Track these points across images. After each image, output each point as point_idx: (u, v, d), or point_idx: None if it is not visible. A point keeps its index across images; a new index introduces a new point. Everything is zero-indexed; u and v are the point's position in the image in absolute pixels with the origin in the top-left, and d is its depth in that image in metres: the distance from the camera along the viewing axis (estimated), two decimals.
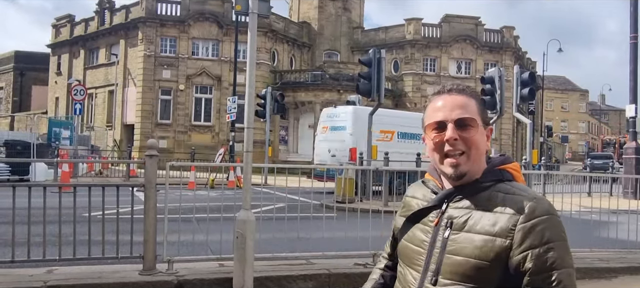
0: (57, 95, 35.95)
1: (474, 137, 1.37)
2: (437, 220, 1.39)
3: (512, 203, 1.31)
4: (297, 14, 36.84)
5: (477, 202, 1.35)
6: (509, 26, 35.38)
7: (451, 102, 1.40)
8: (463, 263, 1.29)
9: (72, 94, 20.19)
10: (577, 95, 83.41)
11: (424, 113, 1.49)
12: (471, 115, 1.39)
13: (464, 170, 1.36)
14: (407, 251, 1.46)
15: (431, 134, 1.41)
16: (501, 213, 1.30)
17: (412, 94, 33.41)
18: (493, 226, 1.29)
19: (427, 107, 1.48)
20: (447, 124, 1.37)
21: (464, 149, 1.36)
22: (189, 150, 24.84)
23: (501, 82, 13.68)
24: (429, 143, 1.43)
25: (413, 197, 1.55)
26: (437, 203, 1.42)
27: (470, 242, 1.30)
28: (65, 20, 35.85)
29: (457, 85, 1.46)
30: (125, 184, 6.31)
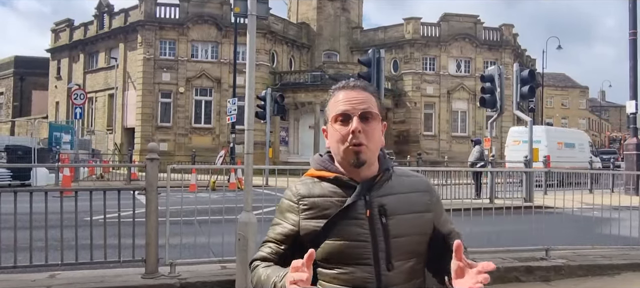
0: (58, 100, 35.98)
1: (374, 129, 1.52)
2: (369, 211, 1.47)
3: (417, 183, 1.61)
4: (296, 15, 36.85)
5: (391, 187, 1.54)
6: (508, 24, 35.38)
7: (356, 97, 1.53)
8: (408, 241, 1.50)
9: (72, 98, 20.21)
10: (577, 92, 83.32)
11: (327, 105, 1.59)
12: (374, 110, 1.54)
13: (365, 158, 1.49)
14: (346, 249, 1.44)
15: (336, 125, 1.51)
16: (414, 193, 1.57)
17: (412, 93, 33.41)
18: (417, 205, 1.55)
19: (330, 100, 1.58)
20: (353, 116, 1.49)
21: (365, 141, 1.49)
22: (190, 153, 24.85)
23: (501, 80, 13.68)
24: (333, 134, 1.53)
25: (320, 196, 1.51)
26: (363, 195, 1.49)
27: (407, 222, 1.50)
28: (64, 24, 35.88)
29: (359, 82, 1.61)
30: (127, 188, 6.32)
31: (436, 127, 33.73)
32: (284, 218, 1.56)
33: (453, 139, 33.81)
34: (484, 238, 5.97)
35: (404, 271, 1.48)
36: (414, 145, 32.29)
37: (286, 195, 1.58)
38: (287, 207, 1.56)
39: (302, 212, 1.51)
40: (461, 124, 34.19)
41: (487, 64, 32.38)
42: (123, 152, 28.62)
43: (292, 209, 1.54)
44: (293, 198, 1.55)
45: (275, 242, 1.56)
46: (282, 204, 1.59)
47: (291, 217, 1.54)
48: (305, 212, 1.51)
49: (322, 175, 1.55)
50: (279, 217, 1.59)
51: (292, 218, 1.53)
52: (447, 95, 33.74)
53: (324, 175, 1.55)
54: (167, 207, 5.05)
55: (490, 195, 11.84)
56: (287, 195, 1.58)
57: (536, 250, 6.04)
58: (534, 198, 10.25)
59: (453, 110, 34.06)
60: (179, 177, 11.72)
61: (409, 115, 33.49)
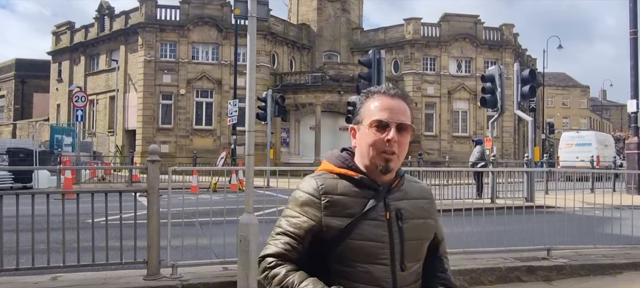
0: (59, 102, 36.03)
1: (407, 140, 1.57)
2: (388, 213, 1.53)
3: (422, 191, 1.68)
4: (296, 16, 36.87)
5: (405, 192, 1.60)
6: (509, 24, 35.35)
7: (396, 106, 1.56)
8: (418, 245, 1.58)
9: (73, 100, 20.23)
10: (578, 91, 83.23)
11: (362, 106, 1.60)
12: (409, 123, 1.57)
13: (393, 166, 1.55)
14: (366, 249, 1.48)
15: (372, 130, 1.54)
16: (422, 199, 1.65)
17: (412, 93, 33.37)
18: (423, 210, 1.62)
19: (366, 101, 1.60)
20: (391, 125, 1.53)
21: (397, 151, 1.54)
22: (191, 155, 24.89)
23: (501, 80, 13.68)
24: (367, 137, 1.54)
25: (343, 195, 1.52)
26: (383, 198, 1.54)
27: (418, 227, 1.58)
28: (65, 27, 35.93)
29: (400, 91, 1.62)
30: (128, 190, 6.33)
31: (437, 127, 33.71)
32: (302, 212, 1.52)
33: (454, 139, 33.79)
34: (486, 238, 5.97)
35: (413, 272, 1.57)
36: (414, 145, 32.24)
37: (305, 188, 1.55)
38: (307, 201, 1.53)
39: (325, 209, 1.51)
40: (462, 124, 34.17)
41: (488, 64, 32.36)
42: (124, 154, 28.65)
43: (314, 204, 1.52)
44: (315, 193, 1.52)
45: (293, 236, 1.51)
46: (300, 197, 1.55)
47: (312, 211, 1.51)
48: (328, 208, 1.51)
49: (345, 173, 1.56)
50: (295, 210, 1.54)
51: (313, 213, 1.51)
52: (447, 95, 33.72)
53: (349, 173, 1.56)
54: (168, 209, 5.06)
55: (491, 195, 11.83)
56: (306, 188, 1.55)
57: (538, 249, 6.04)
58: (535, 198, 10.25)
59: (454, 110, 34.04)
60: (180, 178, 11.73)
61: None
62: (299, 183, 1.60)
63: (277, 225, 1.57)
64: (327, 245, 1.50)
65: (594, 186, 11.88)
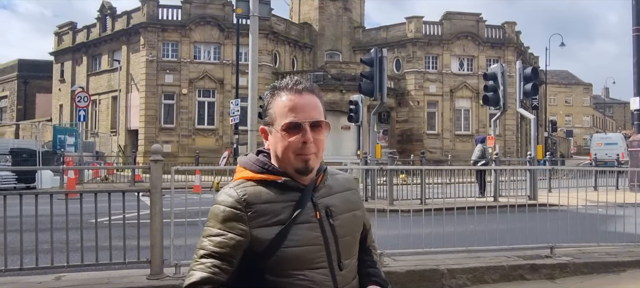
0: (61, 103, 36.11)
1: (323, 138, 1.49)
2: (318, 213, 1.45)
3: (346, 182, 1.62)
4: (298, 15, 36.87)
5: (330, 187, 1.53)
6: (511, 22, 35.28)
7: (307, 104, 1.47)
8: (351, 240, 1.53)
9: (75, 100, 20.28)
10: (581, 89, 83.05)
11: (270, 106, 1.49)
12: (323, 118, 1.49)
13: (313, 166, 1.47)
14: (302, 254, 1.39)
15: (284, 133, 1.44)
16: (347, 192, 1.58)
17: (414, 92, 33.38)
18: (351, 203, 1.57)
19: (273, 100, 1.49)
20: (304, 126, 1.44)
21: (314, 150, 1.46)
22: (193, 154, 24.91)
23: (504, 78, 13.66)
24: (280, 141, 1.45)
25: (268, 202, 1.40)
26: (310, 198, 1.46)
27: (348, 222, 1.53)
28: (67, 27, 36.00)
29: (306, 84, 1.52)
30: (131, 189, 6.34)
31: (439, 125, 33.68)
32: (227, 228, 1.38)
33: (456, 138, 33.75)
34: (488, 237, 5.96)
35: (351, 269, 1.52)
36: (417, 144, 32.25)
37: (225, 202, 1.40)
38: (230, 216, 1.38)
39: (251, 220, 1.38)
40: (464, 122, 34.13)
41: (490, 62, 32.29)
42: (127, 154, 28.70)
43: (238, 218, 1.38)
44: (237, 206, 1.39)
45: (219, 256, 1.37)
46: (221, 212, 1.40)
47: (238, 226, 1.38)
48: (254, 219, 1.38)
49: (266, 178, 1.44)
50: (218, 227, 1.39)
51: (239, 227, 1.37)
52: (450, 93, 33.68)
53: (271, 178, 1.44)
54: (171, 208, 5.07)
55: (494, 193, 11.82)
56: (227, 201, 1.40)
57: (541, 248, 6.03)
58: (539, 196, 10.23)
59: (456, 108, 33.99)
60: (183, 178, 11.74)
61: (412, 114, 33.44)
62: (216, 197, 1.46)
63: (200, 247, 1.41)
64: (258, 258, 1.38)
65: (597, 184, 11.86)
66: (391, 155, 12.87)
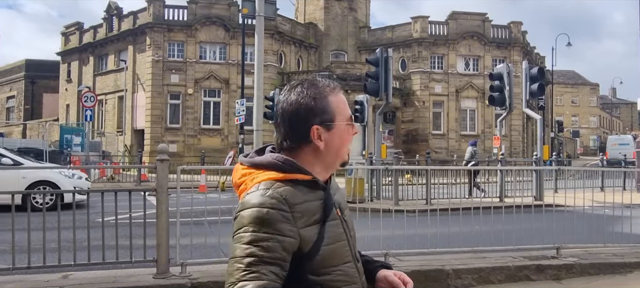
0: (68, 102, 36.31)
1: None
2: (338, 210, 1.51)
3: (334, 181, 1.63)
4: (304, 16, 36.88)
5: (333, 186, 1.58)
6: (517, 21, 35.13)
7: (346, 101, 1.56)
8: (355, 234, 1.60)
9: (82, 100, 20.41)
10: (587, 89, 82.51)
11: (324, 102, 1.46)
12: None
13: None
14: (338, 251, 1.44)
15: (347, 127, 1.51)
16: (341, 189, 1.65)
17: (420, 92, 33.31)
18: (345, 199, 1.64)
19: (330, 97, 1.49)
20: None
21: None
22: (199, 154, 24.98)
23: (510, 78, 13.62)
24: (345, 134, 1.50)
25: (304, 202, 1.38)
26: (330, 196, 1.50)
27: (350, 217, 1.60)
28: (74, 28, 36.19)
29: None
30: (138, 189, 6.37)
31: (445, 125, 33.59)
32: (278, 232, 1.32)
33: (462, 138, 33.62)
34: (494, 237, 5.95)
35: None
36: (422, 144, 32.18)
37: (267, 204, 1.33)
38: (278, 217, 1.32)
39: (297, 221, 1.35)
40: (470, 122, 34.02)
41: (496, 62, 32.14)
42: (133, 154, 28.82)
43: (287, 219, 1.33)
44: (283, 207, 1.34)
45: (274, 262, 1.30)
46: (265, 215, 1.32)
47: (288, 228, 1.33)
48: (299, 219, 1.36)
49: (296, 177, 1.41)
50: (264, 231, 1.31)
51: (289, 229, 1.33)
52: (455, 93, 33.58)
53: (299, 177, 1.41)
54: (177, 208, 5.10)
55: (500, 194, 11.78)
56: (270, 203, 1.33)
57: (547, 248, 6.00)
58: (545, 197, 10.18)
59: (462, 108, 33.89)
60: (189, 177, 11.79)
61: (417, 114, 33.38)
62: (249, 200, 1.36)
63: (245, 254, 1.30)
64: (303, 259, 1.37)
65: (604, 184, 11.79)
66: (396, 155, 12.86)
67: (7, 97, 44.14)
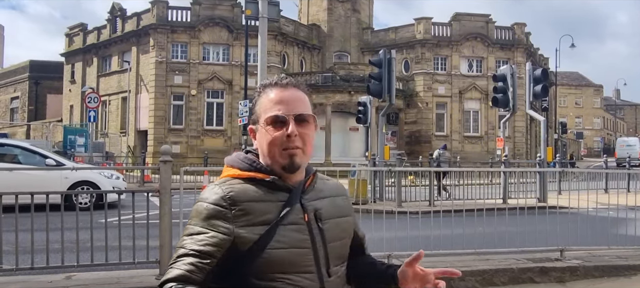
0: (72, 103, 36.43)
1: (310, 132, 1.44)
2: (306, 216, 1.41)
3: (336, 188, 1.58)
4: (307, 17, 36.90)
5: (320, 191, 1.50)
6: (520, 23, 35.07)
7: (290, 97, 1.44)
8: (340, 246, 1.49)
9: (86, 101, 20.45)
10: (591, 91, 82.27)
11: (256, 103, 1.47)
12: (309, 112, 1.45)
13: (300, 162, 1.42)
14: (288, 257, 1.34)
15: (269, 128, 1.42)
16: (337, 197, 1.54)
17: (423, 93, 33.27)
18: (341, 208, 1.53)
19: (259, 97, 1.48)
20: (288, 119, 1.40)
21: (300, 145, 1.41)
22: (202, 155, 25.03)
23: (513, 79, 13.59)
24: (265, 136, 1.42)
25: (254, 201, 1.36)
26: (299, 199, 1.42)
27: (338, 227, 1.48)
28: (78, 29, 36.32)
29: (291, 80, 1.49)
30: (141, 190, 6.38)
31: (448, 127, 33.54)
32: (210, 226, 1.33)
33: (465, 139, 33.59)
34: (498, 239, 5.93)
35: (340, 276, 1.48)
36: (425, 145, 32.14)
37: (209, 199, 1.36)
38: (214, 213, 1.34)
39: (237, 219, 1.33)
40: (473, 123, 33.96)
41: (500, 63, 32.10)
42: (136, 155, 28.88)
43: (222, 215, 1.33)
44: (222, 203, 1.34)
45: (199, 255, 1.31)
46: (204, 209, 1.35)
47: (221, 224, 1.33)
48: (239, 218, 1.33)
49: (254, 176, 1.41)
50: (200, 225, 1.34)
51: (223, 226, 1.33)
52: (459, 95, 33.53)
53: (258, 176, 1.41)
54: (180, 209, 5.10)
55: (503, 195, 11.75)
56: (211, 198, 1.36)
57: (551, 250, 5.98)
58: (548, 199, 10.15)
59: (465, 110, 33.84)
60: (192, 178, 11.80)
61: (420, 116, 33.34)
62: (201, 194, 1.41)
63: (179, 246, 1.35)
64: (243, 259, 1.33)
65: (608, 186, 11.74)
66: (399, 156, 12.85)
67: (11, 97, 44.32)
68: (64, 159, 12.00)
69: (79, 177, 10.54)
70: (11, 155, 11.38)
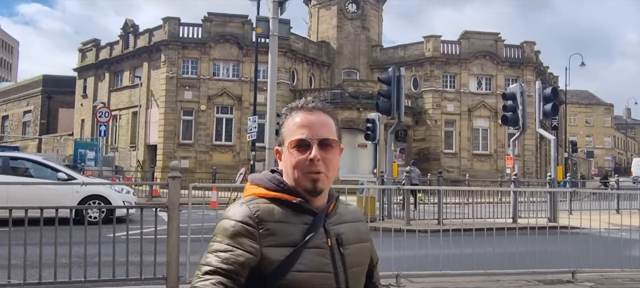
0: (83, 117, 36.82)
1: (334, 157, 1.44)
2: (330, 239, 1.41)
3: (355, 213, 1.57)
4: (316, 34, 37.17)
5: (341, 216, 1.50)
6: (530, 41, 35.03)
7: (315, 121, 1.44)
8: (359, 271, 1.49)
9: (97, 116, 20.67)
10: (602, 109, 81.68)
11: (283, 126, 1.48)
12: (333, 137, 1.45)
13: (322, 187, 1.42)
14: (312, 280, 1.35)
15: (293, 151, 1.42)
16: (357, 222, 1.54)
17: (432, 110, 33.22)
18: (360, 233, 1.52)
19: (286, 120, 1.48)
20: (311, 143, 1.41)
21: (324, 169, 1.41)
22: (211, 170, 25.08)
23: (523, 98, 13.53)
24: (289, 159, 1.43)
25: (281, 221, 1.37)
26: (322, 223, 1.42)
27: (358, 252, 1.48)
28: (91, 44, 36.85)
29: (319, 103, 1.49)
30: (149, 205, 6.39)
31: (457, 144, 33.38)
32: (237, 245, 1.33)
33: (474, 157, 33.39)
34: (508, 260, 5.84)
35: None
36: (434, 163, 31.98)
37: (236, 216, 1.36)
38: (241, 231, 1.34)
39: (263, 238, 1.34)
40: (482, 141, 33.78)
41: (509, 82, 32.02)
42: (145, 169, 29.02)
43: (249, 234, 1.33)
44: (249, 221, 1.34)
45: (225, 274, 1.31)
46: (231, 227, 1.35)
47: (248, 243, 1.33)
48: (266, 237, 1.34)
49: (281, 197, 1.41)
50: (226, 242, 1.34)
51: (250, 244, 1.33)
52: (467, 112, 33.43)
53: (285, 197, 1.41)
54: (188, 224, 5.10)
55: (513, 215, 11.62)
56: (238, 216, 1.36)
57: (562, 272, 5.88)
58: (559, 219, 10.02)
59: (474, 127, 33.69)
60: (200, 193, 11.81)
61: (429, 133, 33.25)
62: (227, 212, 1.41)
63: (204, 263, 1.35)
64: (266, 279, 1.33)
65: (620, 206, 11.58)
66: (408, 174, 12.78)
67: (24, 111, 44.90)
68: (75, 173, 12.09)
69: (90, 191, 10.60)
70: (23, 168, 11.51)
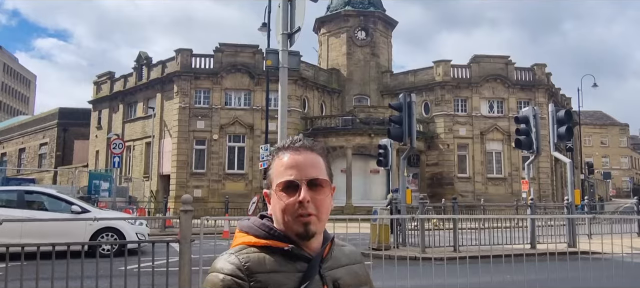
0: (98, 149, 37.28)
1: (325, 197, 1.36)
2: (325, 286, 1.34)
3: (352, 254, 1.49)
4: (326, 61, 37.53)
5: (337, 259, 1.42)
6: (541, 64, 34.94)
7: (303, 161, 1.37)
8: None
9: (111, 147, 20.90)
10: (617, 130, 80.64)
11: (270, 168, 1.41)
12: (323, 176, 1.37)
13: (314, 230, 1.34)
14: None
15: (281, 194, 1.34)
16: (354, 265, 1.46)
17: (444, 135, 33.07)
18: (358, 276, 1.45)
19: (272, 161, 1.41)
20: (300, 184, 1.33)
21: (314, 211, 1.33)
22: (223, 199, 25.08)
23: (536, 120, 13.40)
24: (278, 203, 1.35)
25: (273, 271, 1.29)
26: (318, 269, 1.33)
27: None
28: (105, 77, 37.60)
29: (306, 142, 1.43)
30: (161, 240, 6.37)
31: (470, 168, 33.08)
32: None
33: (488, 181, 33.02)
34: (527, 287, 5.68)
35: None
36: (448, 188, 31.67)
37: (225, 269, 1.29)
38: (231, 285, 1.26)
39: None
40: (496, 165, 33.44)
41: (521, 104, 31.85)
42: (158, 199, 29.14)
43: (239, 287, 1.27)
44: (239, 274, 1.27)
45: None
46: (219, 282, 1.27)
47: None
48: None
49: (271, 244, 1.34)
50: None
51: None
52: (480, 136, 33.22)
53: (276, 245, 1.34)
54: (200, 256, 5.05)
55: (531, 240, 11.38)
56: (227, 269, 1.28)
57: None
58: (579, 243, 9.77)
59: (487, 151, 33.42)
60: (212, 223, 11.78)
61: (441, 158, 33.03)
62: (214, 264, 1.33)
63: None
64: None
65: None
66: (422, 201, 12.63)
67: (40, 143, 45.62)
68: (88, 205, 12.17)
69: (104, 224, 10.64)
70: (38, 202, 11.64)
